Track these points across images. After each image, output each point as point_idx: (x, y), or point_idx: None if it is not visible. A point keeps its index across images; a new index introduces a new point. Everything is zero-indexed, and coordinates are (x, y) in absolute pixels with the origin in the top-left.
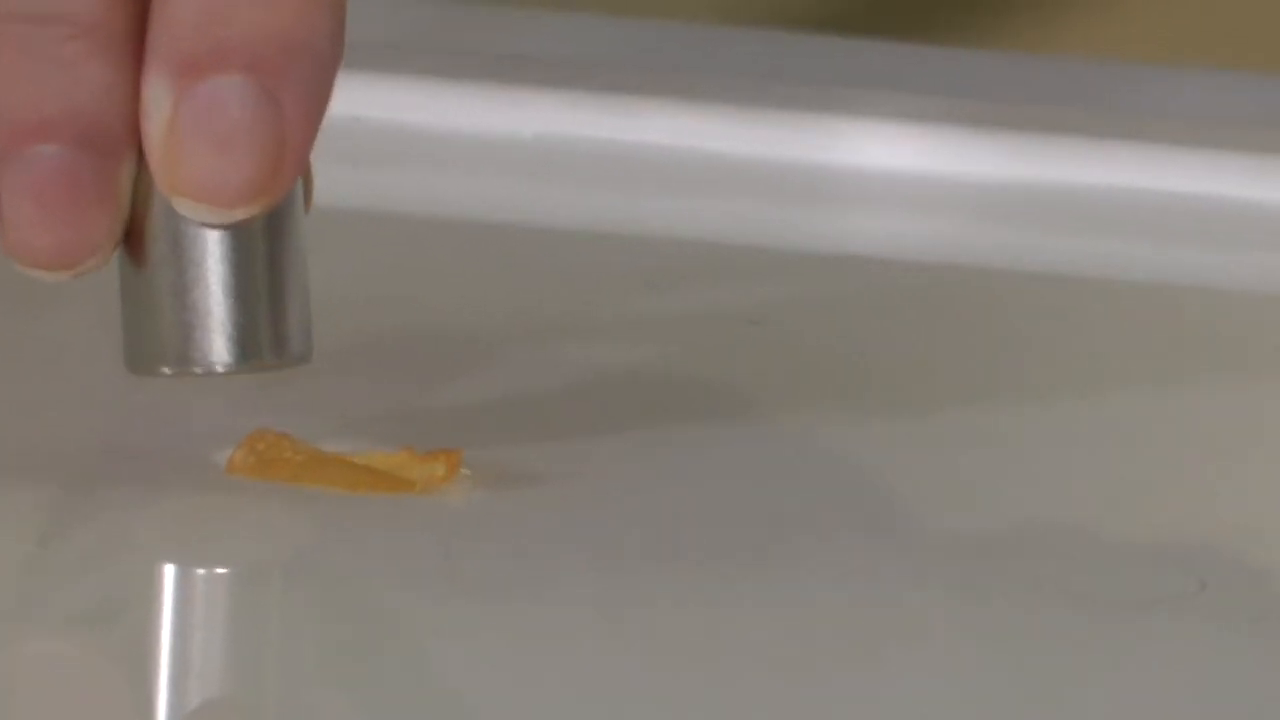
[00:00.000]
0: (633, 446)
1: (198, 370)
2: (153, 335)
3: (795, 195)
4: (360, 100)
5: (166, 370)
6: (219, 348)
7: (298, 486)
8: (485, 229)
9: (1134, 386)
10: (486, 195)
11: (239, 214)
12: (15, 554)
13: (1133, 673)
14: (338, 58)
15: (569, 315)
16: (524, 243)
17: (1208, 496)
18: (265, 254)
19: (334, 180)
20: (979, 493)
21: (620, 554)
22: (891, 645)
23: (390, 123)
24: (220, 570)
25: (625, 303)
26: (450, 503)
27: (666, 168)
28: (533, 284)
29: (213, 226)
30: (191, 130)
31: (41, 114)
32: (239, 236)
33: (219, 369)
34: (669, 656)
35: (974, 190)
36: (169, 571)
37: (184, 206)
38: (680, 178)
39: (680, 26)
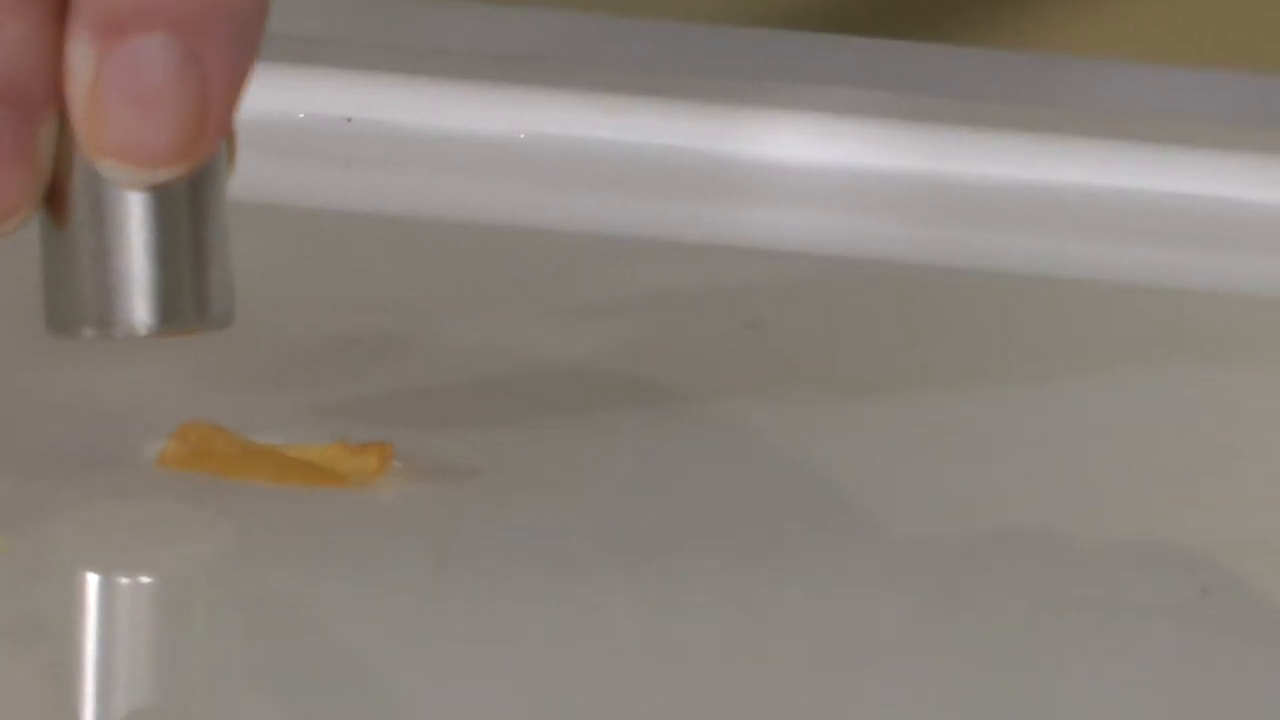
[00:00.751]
0: (570, 441)
1: (119, 333)
2: (73, 297)
3: (757, 192)
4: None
5: (88, 333)
6: (140, 310)
7: (228, 480)
8: (435, 226)
9: (1132, 387)
10: (469, 193)
11: (162, 176)
12: None
13: (1130, 681)
14: (263, 18)
15: (506, 308)
16: (474, 240)
17: (1211, 500)
18: (188, 217)
19: (283, 175)
20: (970, 496)
21: (553, 548)
22: (870, 652)
23: (321, 117)
24: (147, 575)
25: (574, 298)
26: (381, 496)
27: (632, 165)
28: (471, 275)
29: (135, 188)
30: (114, 91)
31: None
32: (162, 199)
33: (140, 332)
34: (608, 653)
35: (970, 189)
36: (96, 578)
37: (106, 168)
38: (642, 175)
39: (666, 25)
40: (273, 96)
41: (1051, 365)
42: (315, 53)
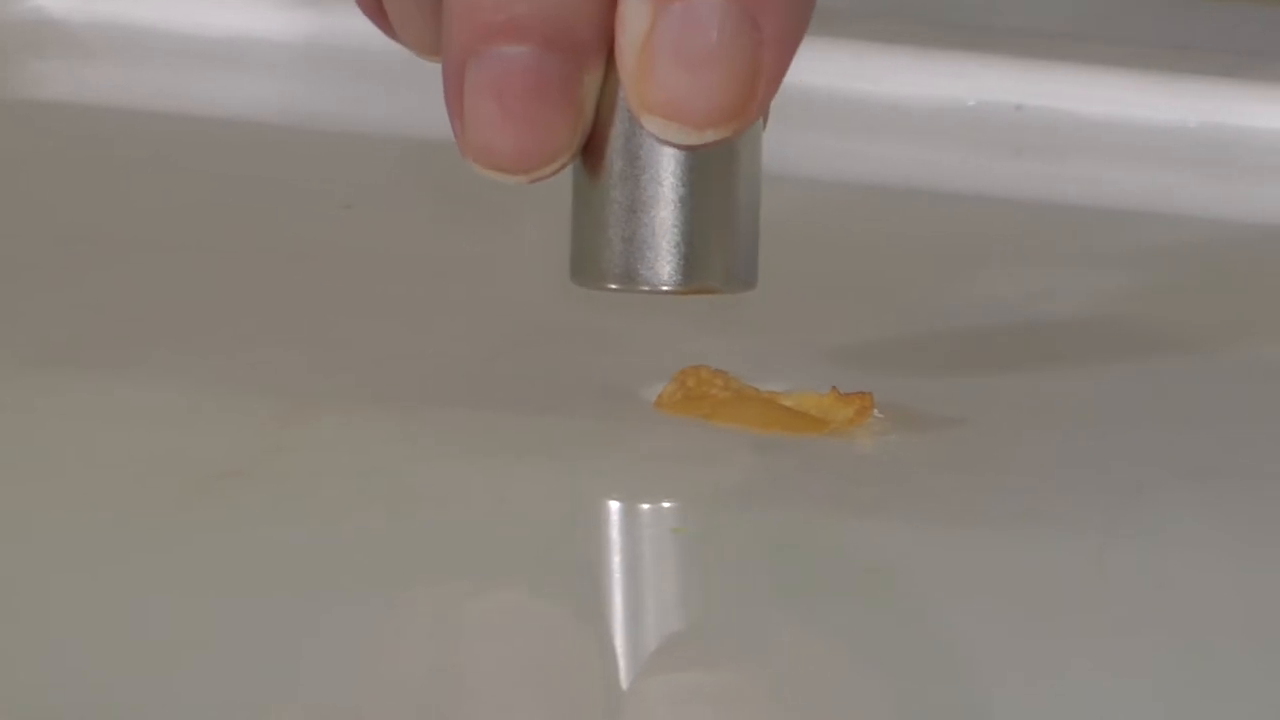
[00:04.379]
0: (1059, 396)
1: (644, 289)
2: (602, 249)
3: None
4: None
5: (612, 286)
6: (668, 268)
7: (711, 424)
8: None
9: None
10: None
11: (706, 137)
12: (459, 494)
13: None
14: None
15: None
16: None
17: None
18: (722, 179)
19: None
20: None
21: (1021, 505)
22: None
23: None
24: (668, 507)
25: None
26: (857, 445)
27: None
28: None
29: (676, 146)
30: (667, 47)
31: (511, 13)
32: (699, 158)
33: (664, 289)
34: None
35: None
36: (620, 511)
37: (652, 124)
38: None
39: None
40: (945, 83)
41: None
42: (986, 41)
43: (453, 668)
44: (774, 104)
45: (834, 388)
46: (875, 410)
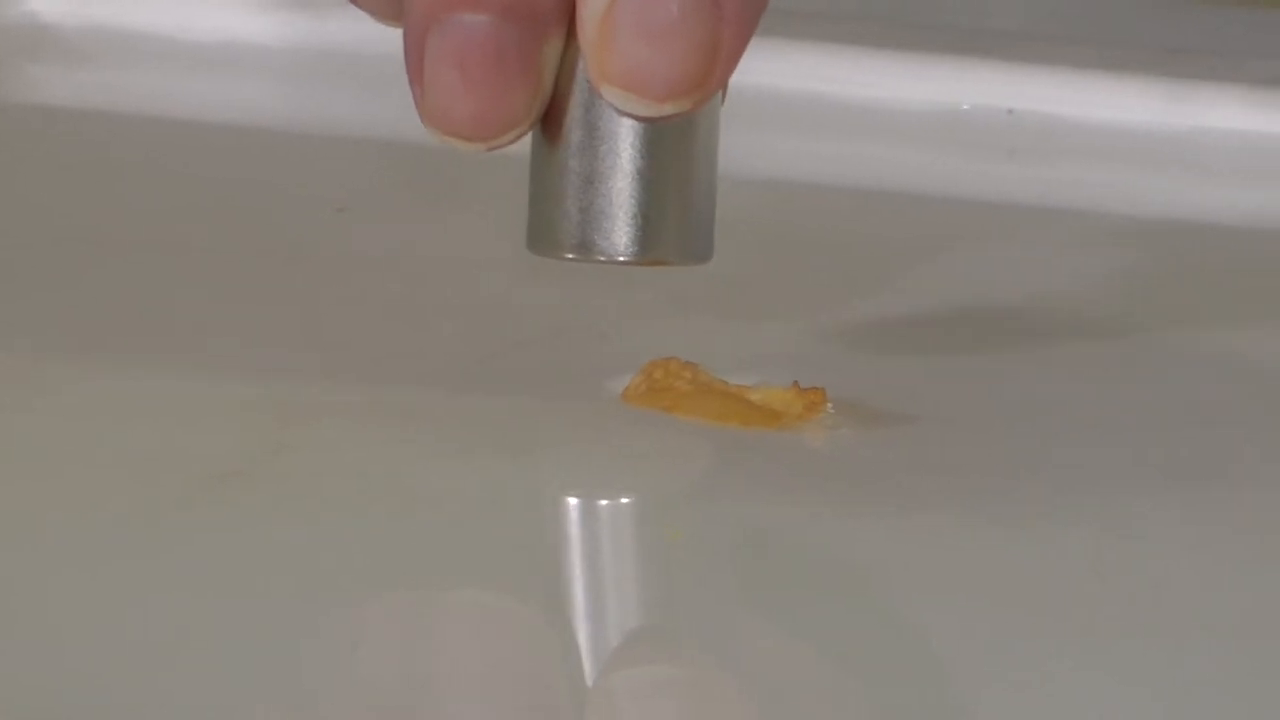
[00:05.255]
0: (1047, 395)
1: (600, 258)
2: (559, 219)
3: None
4: None
5: (569, 255)
6: (624, 239)
7: (671, 417)
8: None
9: None
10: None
11: (667, 109)
12: (411, 488)
13: None
14: None
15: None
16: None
17: None
18: (680, 151)
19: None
20: None
21: (971, 501)
22: None
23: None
24: (625, 501)
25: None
26: (807, 439)
27: None
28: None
29: (634, 118)
30: (629, 19)
31: None
32: (657, 131)
33: (621, 259)
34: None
35: None
36: (578, 505)
37: (611, 95)
38: None
39: None
40: (938, 88)
41: None
42: (978, 45)
43: (453, 665)
44: (770, 107)
45: (795, 382)
46: (829, 405)
